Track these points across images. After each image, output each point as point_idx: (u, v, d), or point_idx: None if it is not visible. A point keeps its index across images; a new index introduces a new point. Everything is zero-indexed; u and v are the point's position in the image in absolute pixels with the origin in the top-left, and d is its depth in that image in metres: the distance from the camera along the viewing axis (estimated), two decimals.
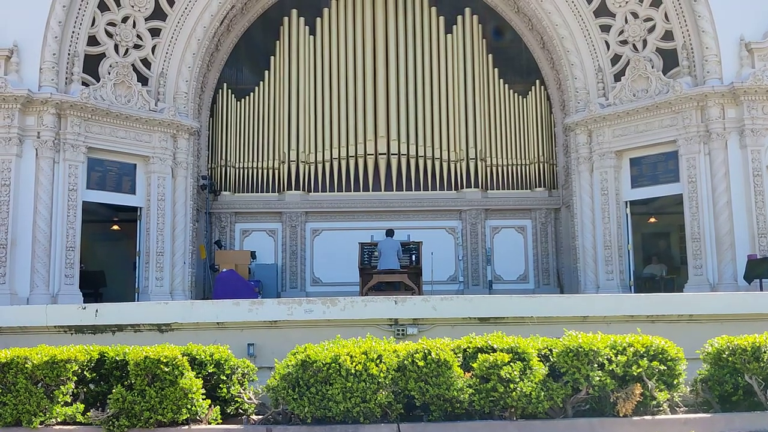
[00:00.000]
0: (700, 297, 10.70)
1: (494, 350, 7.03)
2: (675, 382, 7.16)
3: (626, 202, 18.39)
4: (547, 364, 7.05)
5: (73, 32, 16.89)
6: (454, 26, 21.34)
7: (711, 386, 7.30)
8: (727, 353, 7.22)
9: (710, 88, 16.70)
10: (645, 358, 7.02)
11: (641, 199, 18.44)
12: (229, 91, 21.19)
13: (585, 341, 6.98)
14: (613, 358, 6.99)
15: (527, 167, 20.95)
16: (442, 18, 21.37)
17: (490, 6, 21.04)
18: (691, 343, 7.68)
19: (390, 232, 17.27)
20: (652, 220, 20.90)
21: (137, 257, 17.83)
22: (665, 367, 7.07)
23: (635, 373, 6.91)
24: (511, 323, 8.82)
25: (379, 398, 6.71)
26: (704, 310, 9.06)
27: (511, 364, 6.82)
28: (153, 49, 18.33)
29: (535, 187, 20.87)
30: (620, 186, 18.41)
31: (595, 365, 6.91)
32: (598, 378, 6.82)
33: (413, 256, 17.39)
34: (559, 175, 20.84)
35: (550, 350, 7.14)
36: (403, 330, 9.01)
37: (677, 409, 7.26)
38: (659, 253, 20.45)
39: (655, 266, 19.35)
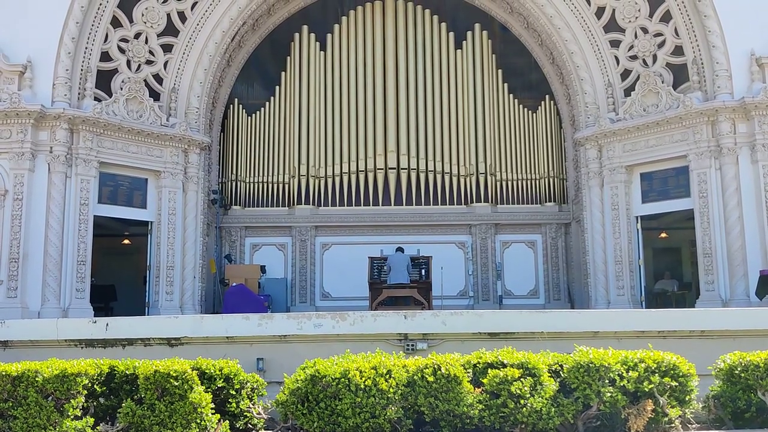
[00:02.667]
0: (711, 312, 10.62)
1: (504, 366, 6.99)
2: (687, 399, 7.09)
3: (637, 217, 18.31)
4: (558, 379, 7.00)
5: (86, 48, 17.07)
6: (464, 42, 21.43)
7: (723, 403, 7.23)
8: (739, 369, 7.15)
9: (721, 103, 16.66)
10: (656, 374, 6.96)
11: (652, 214, 18.36)
12: (240, 106, 21.33)
13: (596, 357, 6.93)
14: (625, 374, 6.93)
15: (537, 182, 20.93)
16: (451, 34, 21.46)
17: (500, 22, 21.11)
18: (703, 359, 7.62)
19: (400, 249, 17.28)
20: (663, 235, 20.80)
21: (147, 271, 17.89)
22: (677, 384, 7.00)
23: (647, 389, 6.85)
24: (522, 338, 8.78)
25: (388, 413, 6.68)
26: (716, 325, 8.99)
27: (522, 379, 6.78)
28: (165, 64, 18.48)
29: (545, 201, 20.83)
30: (631, 201, 18.35)
31: (606, 381, 6.86)
32: (609, 394, 6.77)
33: (423, 271, 17.38)
34: (569, 190, 20.81)
35: (561, 366, 7.10)
36: (412, 345, 8.99)
37: (689, 425, 7.20)
38: (670, 269, 20.33)
39: (667, 282, 19.24)
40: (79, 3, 16.70)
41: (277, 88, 21.46)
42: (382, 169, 20.71)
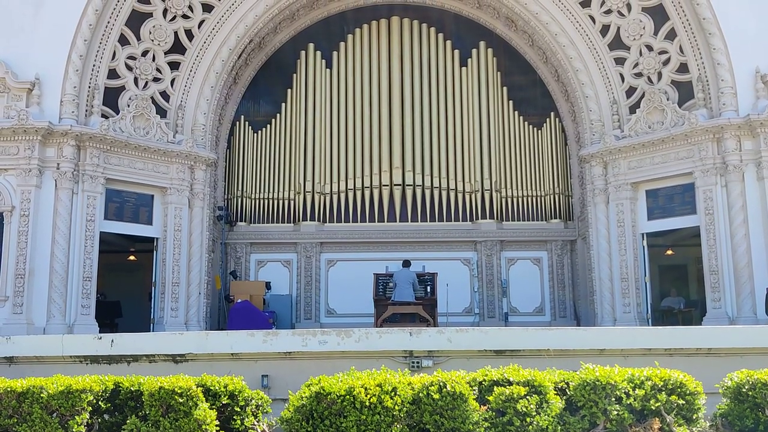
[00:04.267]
0: (718, 330, 10.57)
1: (510, 383, 6.96)
2: (694, 417, 7.04)
3: (643, 234, 18.27)
4: (564, 397, 6.96)
5: (93, 66, 17.21)
6: (469, 59, 21.53)
7: (731, 421, 7.18)
8: (747, 387, 7.11)
9: (726, 120, 16.67)
10: (663, 392, 6.91)
11: (658, 231, 18.32)
12: (246, 123, 21.43)
13: (602, 374, 6.90)
14: (631, 392, 6.89)
15: (542, 199, 20.93)
16: (456, 51, 21.56)
17: (505, 39, 21.20)
18: (710, 376, 7.57)
19: (406, 264, 17.24)
20: (670, 252, 20.74)
21: (153, 287, 17.89)
22: (684, 402, 6.96)
23: (654, 408, 6.80)
24: (528, 356, 8.75)
25: (393, 431, 6.65)
26: (723, 343, 8.95)
27: (528, 397, 6.74)
28: (172, 82, 18.60)
29: (551, 218, 20.81)
30: (636, 218, 18.32)
31: (613, 399, 6.82)
32: (615, 412, 6.73)
33: (428, 288, 17.34)
34: (575, 207, 20.79)
35: (567, 383, 7.07)
36: (418, 362, 8.96)
37: None
38: (677, 286, 20.25)
39: (673, 299, 19.16)
40: (87, 21, 16.87)
41: (283, 105, 21.57)
42: (387, 185, 20.74)
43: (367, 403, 6.67)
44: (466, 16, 21.19)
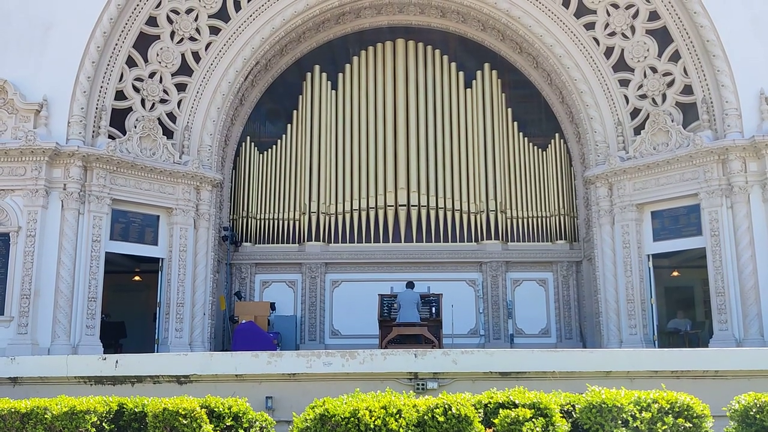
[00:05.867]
0: (725, 353, 10.51)
1: (516, 405, 6.92)
2: None
3: (648, 255, 18.22)
4: (570, 420, 6.92)
5: (101, 87, 17.35)
6: (474, 81, 21.65)
7: None
8: (754, 410, 7.05)
9: (731, 141, 16.69)
10: (670, 415, 6.87)
11: (664, 252, 18.26)
12: (252, 143, 21.53)
13: (608, 397, 6.86)
14: (638, 415, 6.85)
15: (548, 220, 20.92)
16: (461, 73, 21.69)
17: (509, 61, 21.32)
18: (717, 399, 7.53)
19: (410, 285, 17.20)
20: (676, 273, 20.66)
21: (158, 308, 17.87)
22: (691, 425, 6.90)
23: (660, 431, 6.76)
24: (533, 378, 8.71)
25: None
26: (730, 365, 8.90)
27: (533, 420, 6.70)
28: (179, 103, 18.72)
29: (556, 239, 20.79)
30: (642, 239, 18.27)
31: (619, 422, 6.77)
32: None
33: (433, 309, 17.28)
34: (580, 228, 20.77)
35: (573, 406, 7.02)
36: (423, 384, 8.92)
37: None
38: (683, 307, 20.15)
39: (680, 321, 19.05)
40: (95, 43, 17.04)
41: (289, 126, 21.68)
42: (392, 206, 20.77)
43: (372, 426, 6.63)
44: (470, 38, 21.33)
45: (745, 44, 17.07)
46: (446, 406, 6.78)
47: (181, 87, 18.76)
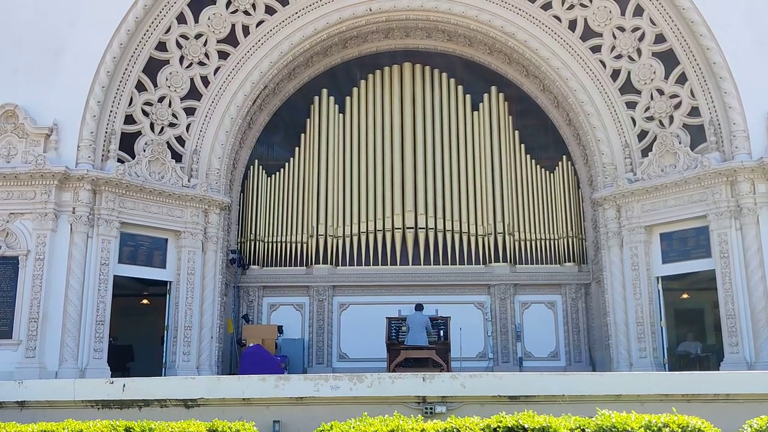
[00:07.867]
0: (737, 376, 10.41)
1: (525, 430, 6.86)
2: None
3: (658, 277, 18.12)
4: None
5: (111, 111, 17.50)
6: (480, 104, 21.73)
7: None
8: None
9: (739, 163, 16.65)
10: None
11: (673, 274, 18.15)
12: (260, 166, 21.63)
13: (618, 421, 6.79)
14: None
15: (556, 242, 20.87)
16: (468, 96, 21.78)
17: (516, 84, 21.41)
18: (729, 423, 7.44)
19: (419, 307, 17.16)
20: (685, 296, 20.53)
21: (165, 331, 17.85)
22: None
23: None
24: (542, 402, 8.64)
25: None
26: (742, 389, 8.80)
27: None
28: (188, 127, 18.85)
29: (565, 261, 20.71)
30: (651, 261, 18.18)
31: None
32: None
33: (441, 332, 17.21)
34: (589, 250, 20.70)
35: (583, 430, 6.95)
36: (431, 408, 8.86)
37: None
38: (693, 330, 20.00)
39: (690, 343, 18.89)
40: (105, 68, 17.21)
41: (297, 149, 21.78)
42: (400, 228, 20.77)
43: None
44: (477, 61, 21.45)
45: (751, 66, 17.10)
46: (455, 430, 6.73)
47: (189, 111, 18.91)
